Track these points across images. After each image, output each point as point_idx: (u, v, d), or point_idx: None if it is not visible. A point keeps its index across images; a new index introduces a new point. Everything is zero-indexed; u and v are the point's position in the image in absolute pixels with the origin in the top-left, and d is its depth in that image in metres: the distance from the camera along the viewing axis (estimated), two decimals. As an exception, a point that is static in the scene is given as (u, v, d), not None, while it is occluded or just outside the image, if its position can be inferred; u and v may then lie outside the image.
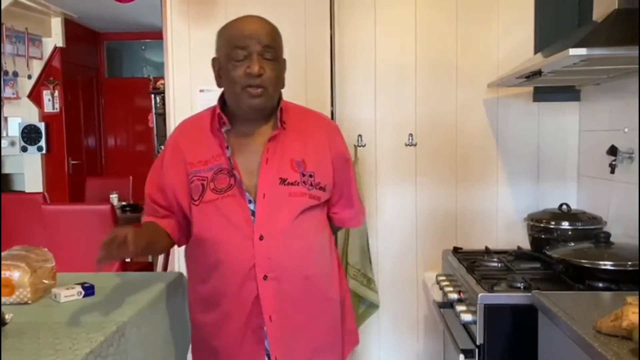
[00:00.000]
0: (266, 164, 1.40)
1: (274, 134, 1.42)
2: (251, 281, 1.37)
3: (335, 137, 1.52)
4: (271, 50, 1.38)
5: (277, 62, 1.41)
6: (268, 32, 1.40)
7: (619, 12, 1.71)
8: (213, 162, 1.43)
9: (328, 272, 1.50)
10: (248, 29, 1.38)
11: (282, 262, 1.38)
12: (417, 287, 2.58)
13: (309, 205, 1.41)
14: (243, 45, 1.36)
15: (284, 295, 1.39)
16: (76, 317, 1.35)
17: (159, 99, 5.05)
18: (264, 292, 1.37)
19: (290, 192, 1.39)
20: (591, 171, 2.36)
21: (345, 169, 1.54)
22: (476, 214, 2.55)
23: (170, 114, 2.57)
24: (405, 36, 2.53)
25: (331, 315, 1.50)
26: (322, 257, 1.48)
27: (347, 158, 1.55)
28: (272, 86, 1.39)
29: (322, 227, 1.49)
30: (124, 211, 4.40)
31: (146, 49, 7.11)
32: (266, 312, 1.38)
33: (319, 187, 1.43)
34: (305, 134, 1.47)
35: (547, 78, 1.96)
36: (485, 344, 1.62)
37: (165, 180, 1.50)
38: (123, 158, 6.89)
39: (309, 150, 1.45)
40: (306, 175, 1.41)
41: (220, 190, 1.40)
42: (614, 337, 1.13)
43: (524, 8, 2.46)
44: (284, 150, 1.42)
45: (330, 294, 1.49)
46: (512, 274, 1.83)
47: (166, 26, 2.55)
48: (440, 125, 2.53)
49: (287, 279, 1.39)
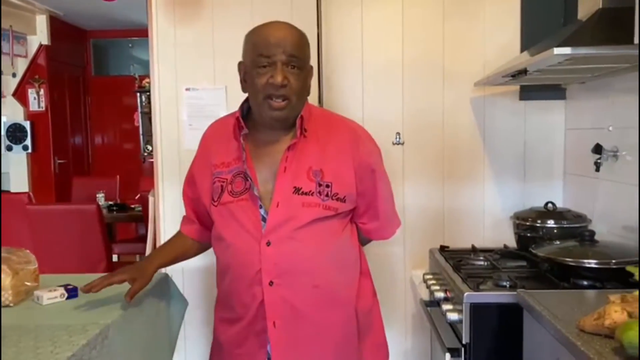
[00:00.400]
0: (284, 172, 1.39)
1: (292, 142, 1.40)
2: (257, 286, 1.37)
3: (359, 147, 1.45)
4: (296, 59, 1.36)
5: (302, 71, 1.38)
6: (295, 40, 1.37)
7: (603, 11, 1.72)
8: (233, 165, 1.43)
9: (346, 282, 1.45)
10: (274, 37, 1.35)
11: (288, 269, 1.37)
12: (405, 286, 2.58)
13: (323, 215, 1.38)
14: (268, 54, 1.34)
15: (290, 302, 1.37)
16: (58, 319, 1.33)
17: (145, 97, 5.01)
18: (269, 297, 1.37)
19: (304, 202, 1.37)
20: (577, 169, 2.37)
21: (371, 180, 1.46)
22: (463, 212, 2.55)
23: (156, 113, 2.55)
24: (393, 35, 2.52)
25: (344, 328, 1.44)
26: (337, 267, 1.43)
27: (373, 169, 1.46)
28: (296, 96, 1.37)
29: (340, 235, 1.44)
30: (111, 211, 4.37)
31: (133, 46, 7.05)
32: (270, 317, 1.37)
33: (337, 197, 1.39)
34: (327, 142, 1.43)
35: (533, 77, 1.97)
36: (471, 343, 1.62)
37: (195, 177, 1.54)
38: (110, 157, 6.84)
39: (329, 159, 1.41)
40: (322, 186, 1.38)
41: (236, 193, 1.41)
42: (596, 336, 1.13)
43: (510, 7, 2.47)
44: (303, 158, 1.40)
45: (345, 304, 1.44)
46: (498, 272, 1.84)
47: (152, 24, 2.53)
48: (427, 124, 2.53)
49: (295, 286, 1.38)
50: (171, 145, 2.53)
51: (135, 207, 4.44)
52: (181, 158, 2.52)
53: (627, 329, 1.01)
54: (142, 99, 5.07)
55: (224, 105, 2.50)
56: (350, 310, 1.45)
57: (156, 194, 2.57)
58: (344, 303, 1.44)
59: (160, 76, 2.54)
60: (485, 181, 2.55)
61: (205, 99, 2.52)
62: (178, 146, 2.53)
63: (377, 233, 1.56)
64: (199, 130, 2.58)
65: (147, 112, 4.82)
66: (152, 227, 3.14)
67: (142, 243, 3.79)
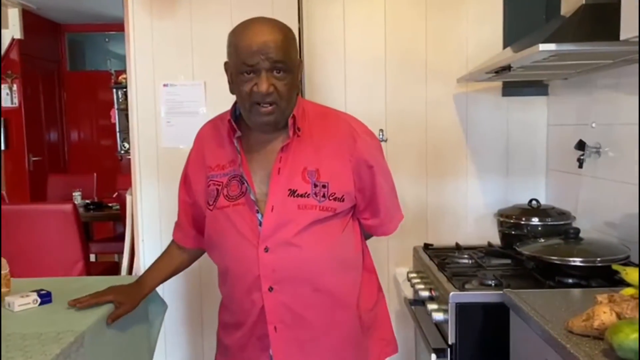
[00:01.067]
0: (277, 174, 1.34)
1: (285, 143, 1.35)
2: (256, 292, 1.34)
3: (356, 142, 1.38)
4: (281, 64, 1.29)
5: (289, 74, 1.31)
6: (278, 44, 1.28)
7: (586, 7, 1.71)
8: (229, 167, 1.39)
9: (347, 283, 1.42)
10: (256, 43, 1.27)
11: (287, 275, 1.33)
12: (388, 283, 2.56)
13: (320, 217, 1.34)
14: (251, 62, 1.27)
15: (290, 307, 1.35)
16: (31, 327, 1.28)
17: (122, 93, 4.91)
18: (268, 303, 1.34)
19: (299, 205, 1.33)
20: (559, 165, 2.38)
21: (369, 176, 1.40)
22: (446, 209, 2.54)
23: (133, 109, 2.48)
24: (375, 31, 2.49)
25: (347, 328, 1.41)
26: (338, 269, 1.39)
27: (370, 164, 1.40)
28: (284, 101, 1.31)
29: (340, 236, 1.39)
30: (88, 210, 4.28)
31: (110, 41, 6.92)
32: (271, 322, 1.35)
33: (334, 197, 1.34)
34: (322, 141, 1.38)
35: (516, 73, 1.96)
36: (457, 343, 1.61)
37: (191, 179, 1.49)
38: (87, 154, 6.71)
39: (324, 158, 1.36)
40: (319, 186, 1.34)
41: (232, 197, 1.37)
42: (585, 337, 1.12)
43: (492, 3, 2.45)
44: (297, 159, 1.35)
45: (347, 306, 1.41)
46: (483, 270, 1.82)
47: (128, 18, 2.45)
48: (410, 121, 2.51)
49: (295, 291, 1.34)
50: (149, 142, 2.47)
51: (112, 206, 4.35)
52: (159, 156, 2.46)
53: (617, 331, 1.00)
54: (119, 95, 4.97)
55: (203, 101, 2.45)
56: (352, 311, 1.42)
57: (134, 193, 2.51)
58: (347, 304, 1.41)
59: (137, 72, 2.47)
60: (468, 177, 2.54)
61: (184, 95, 2.46)
62: (156, 143, 2.47)
63: (379, 229, 1.52)
64: (177, 127, 2.57)
65: (124, 109, 4.73)
66: (130, 226, 3.08)
67: (120, 242, 3.71)
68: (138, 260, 2.52)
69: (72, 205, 3.20)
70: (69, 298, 1.46)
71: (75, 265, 3.16)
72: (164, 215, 2.44)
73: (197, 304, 2.51)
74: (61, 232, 3.11)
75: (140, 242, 2.49)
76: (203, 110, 2.45)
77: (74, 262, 3.14)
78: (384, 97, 2.51)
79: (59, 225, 3.10)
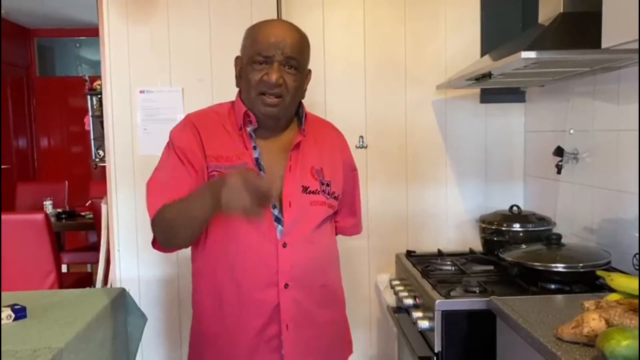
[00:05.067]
0: (289, 171, 1.38)
1: (298, 140, 1.40)
2: (273, 289, 1.33)
3: (345, 146, 1.56)
4: (294, 61, 1.34)
5: (299, 73, 1.37)
6: (295, 42, 1.35)
7: (564, 16, 1.74)
8: (237, 160, 1.35)
9: (340, 280, 1.53)
10: (275, 36, 1.33)
11: (303, 271, 1.36)
12: (370, 290, 2.55)
13: (328, 214, 1.42)
14: (267, 53, 1.32)
15: (301, 303, 1.37)
16: (5, 344, 1.22)
17: (96, 100, 4.80)
18: (284, 300, 1.34)
19: (312, 201, 1.39)
20: (537, 171, 2.40)
21: (352, 178, 1.57)
22: (427, 215, 2.55)
23: (108, 116, 2.42)
24: (354, 38, 2.49)
25: (341, 324, 1.53)
26: (336, 266, 1.52)
27: (354, 167, 1.58)
28: (289, 96, 1.35)
29: (334, 236, 1.52)
30: (60, 219, 4.16)
31: (81, 46, 6.78)
32: (284, 320, 1.35)
33: (334, 196, 1.44)
34: (322, 143, 1.47)
35: (496, 80, 1.97)
36: (444, 351, 1.60)
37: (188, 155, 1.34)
38: (58, 161, 6.55)
39: (325, 159, 1.45)
40: (324, 184, 1.42)
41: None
42: (575, 344, 1.12)
43: (470, 11, 2.48)
44: (305, 158, 1.41)
45: (342, 301, 1.53)
46: (467, 277, 1.82)
47: (103, 23, 2.39)
48: (390, 127, 2.51)
49: (306, 287, 1.38)
50: (125, 150, 2.41)
51: (85, 215, 4.24)
52: (135, 164, 2.40)
53: (609, 338, 1.00)
54: (94, 102, 4.85)
55: (181, 108, 2.40)
56: (344, 308, 1.54)
57: (109, 202, 2.44)
58: (341, 301, 1.53)
59: (113, 78, 2.41)
60: (448, 184, 2.55)
61: (161, 102, 2.41)
62: (132, 151, 2.41)
63: (354, 229, 1.64)
64: (153, 135, 2.51)
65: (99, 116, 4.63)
66: (106, 236, 3.00)
67: (93, 252, 3.63)
68: (114, 271, 2.46)
69: (43, 215, 3.11)
70: (44, 312, 1.41)
71: (48, 277, 3.07)
72: (141, 224, 2.38)
73: (176, 314, 2.45)
74: (33, 243, 3.01)
75: (116, 252, 2.43)
76: (181, 117, 2.37)
77: (46, 274, 3.05)
78: (364, 103, 2.51)
79: (30, 235, 3.01)
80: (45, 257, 3.04)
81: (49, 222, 3.12)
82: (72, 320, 1.37)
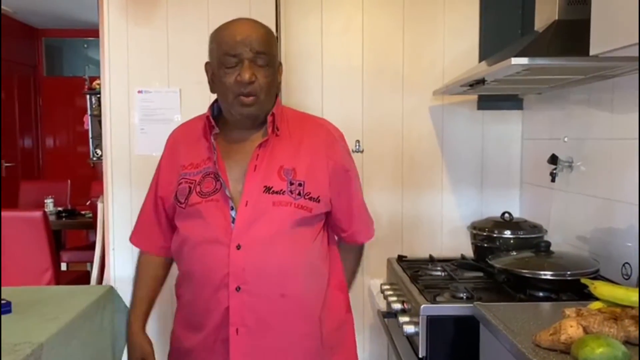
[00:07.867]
0: (253, 171, 1.35)
1: (263, 140, 1.37)
2: (223, 291, 1.32)
3: (334, 146, 1.44)
4: (263, 56, 1.33)
5: (270, 68, 1.35)
6: (260, 37, 1.34)
7: (559, 23, 1.73)
8: (202, 165, 1.39)
9: (313, 294, 1.39)
10: (240, 34, 1.32)
11: (256, 275, 1.31)
12: (363, 295, 2.54)
13: (298, 216, 1.34)
14: (234, 53, 1.31)
15: (255, 310, 1.32)
16: (-14, 338, 1.23)
17: (95, 99, 4.83)
18: (234, 303, 1.31)
19: (274, 201, 1.33)
20: (533, 179, 2.39)
21: (346, 179, 1.45)
22: (421, 221, 2.54)
23: (106, 116, 2.44)
24: (352, 42, 2.50)
25: (309, 343, 1.38)
26: (306, 277, 1.37)
27: (346, 168, 1.45)
28: (264, 93, 1.34)
29: (311, 244, 1.39)
30: (60, 217, 4.19)
31: (89, 47, 6.83)
32: (233, 324, 1.32)
33: (309, 197, 1.35)
34: (300, 141, 1.40)
35: (491, 86, 1.97)
36: (428, 356, 1.59)
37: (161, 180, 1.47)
38: (62, 160, 6.60)
39: (302, 158, 1.38)
40: (294, 184, 1.35)
41: (205, 194, 1.35)
42: (553, 352, 1.11)
43: (469, 17, 2.47)
44: (274, 157, 1.37)
45: (310, 317, 1.38)
46: (455, 283, 1.82)
47: (103, 23, 2.42)
48: (386, 132, 2.51)
49: (261, 293, 1.32)
50: (122, 149, 2.42)
51: (86, 214, 4.27)
52: (132, 163, 2.42)
53: (583, 346, 0.99)
54: (92, 101, 4.89)
55: (178, 108, 2.42)
56: (315, 325, 1.39)
57: (105, 200, 2.45)
58: (310, 316, 1.38)
59: (111, 78, 2.43)
60: (444, 190, 2.55)
61: (158, 102, 2.42)
62: (129, 151, 2.42)
63: (361, 234, 1.56)
64: (150, 135, 2.53)
65: (97, 115, 4.66)
66: (101, 235, 3.01)
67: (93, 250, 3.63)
68: (108, 270, 2.46)
69: (41, 213, 3.13)
70: (31, 308, 1.41)
71: (44, 274, 3.08)
72: (136, 223, 2.39)
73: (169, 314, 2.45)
74: (30, 240, 3.03)
75: (110, 251, 2.44)
76: (178, 117, 2.41)
77: (42, 271, 3.07)
78: (361, 108, 2.51)
79: (27, 233, 3.03)
80: (42, 255, 3.06)
81: (47, 220, 3.14)
82: (56, 316, 1.38)
